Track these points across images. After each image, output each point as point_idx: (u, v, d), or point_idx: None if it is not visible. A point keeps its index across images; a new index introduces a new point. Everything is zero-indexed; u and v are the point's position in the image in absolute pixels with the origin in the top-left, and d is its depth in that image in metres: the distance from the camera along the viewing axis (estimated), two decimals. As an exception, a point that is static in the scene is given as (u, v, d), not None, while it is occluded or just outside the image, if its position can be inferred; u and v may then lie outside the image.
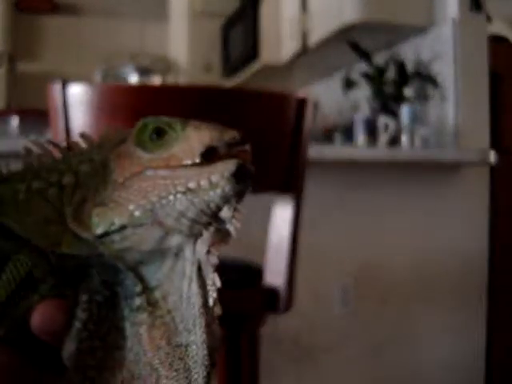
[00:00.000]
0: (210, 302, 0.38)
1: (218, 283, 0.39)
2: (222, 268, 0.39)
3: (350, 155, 1.72)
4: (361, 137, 1.99)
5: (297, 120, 1.03)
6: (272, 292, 1.04)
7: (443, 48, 2.14)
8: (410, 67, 2.28)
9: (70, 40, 4.74)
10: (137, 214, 0.38)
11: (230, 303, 1.10)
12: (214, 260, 0.39)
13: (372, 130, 1.98)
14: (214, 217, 0.39)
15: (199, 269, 0.39)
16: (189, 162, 0.38)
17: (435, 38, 2.19)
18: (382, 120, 2.00)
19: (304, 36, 2.71)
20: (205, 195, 0.38)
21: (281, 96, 1.03)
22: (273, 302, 1.04)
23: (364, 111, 2.45)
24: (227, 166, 0.38)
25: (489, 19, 2.20)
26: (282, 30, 3.02)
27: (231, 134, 0.39)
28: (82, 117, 0.92)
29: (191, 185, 0.38)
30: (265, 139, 1.00)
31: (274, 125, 1.02)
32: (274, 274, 1.05)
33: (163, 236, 0.38)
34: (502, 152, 1.99)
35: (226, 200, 0.38)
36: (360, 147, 1.89)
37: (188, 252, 0.39)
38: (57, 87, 0.93)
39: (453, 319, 2.03)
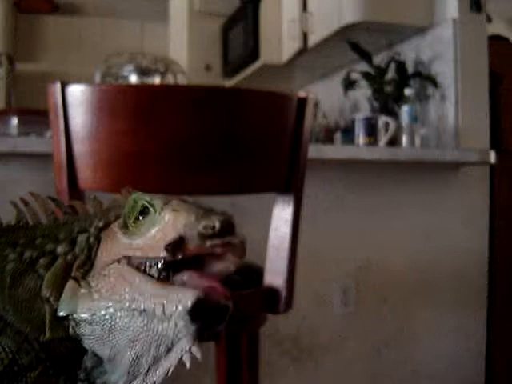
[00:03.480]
0: None
1: None
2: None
3: (350, 155, 1.71)
4: (361, 137, 1.99)
5: (297, 120, 1.03)
6: (272, 292, 1.04)
7: (443, 48, 2.13)
8: (410, 67, 2.28)
9: (70, 40, 4.74)
10: (96, 314, 0.35)
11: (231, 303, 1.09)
12: None
13: (372, 130, 1.98)
14: (166, 352, 0.35)
15: None
16: (158, 254, 0.35)
17: (435, 38, 2.19)
18: (382, 120, 2.00)
19: (304, 36, 2.71)
20: (159, 325, 0.34)
21: (281, 95, 1.03)
22: (273, 301, 1.04)
23: (364, 111, 2.45)
24: (184, 297, 0.34)
25: (489, 19, 2.20)
26: (282, 30, 3.02)
27: (210, 222, 0.34)
28: (82, 117, 0.92)
29: (148, 307, 0.34)
30: (265, 139, 1.00)
31: (274, 124, 1.02)
32: (274, 274, 1.05)
33: (111, 357, 0.36)
34: (501, 152, 1.99)
35: (179, 338, 0.35)
36: (360, 147, 1.89)
37: None
38: (56, 87, 0.93)
39: (453, 319, 2.03)
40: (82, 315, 0.36)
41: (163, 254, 0.35)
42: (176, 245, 0.34)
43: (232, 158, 0.96)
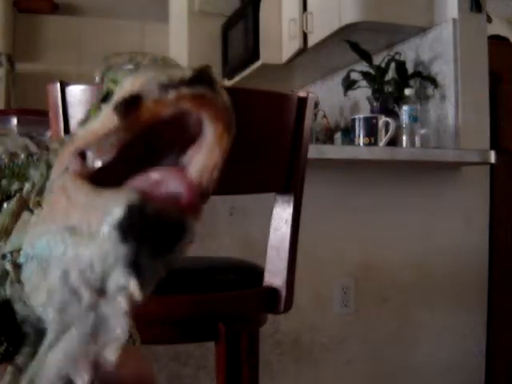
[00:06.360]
0: None
1: None
2: (223, 268, 0.38)
3: (350, 155, 1.71)
4: (361, 137, 1.99)
5: (297, 119, 1.03)
6: (272, 292, 1.04)
7: (443, 48, 2.13)
8: (410, 67, 2.28)
9: (69, 40, 4.74)
10: (35, 245, 0.26)
11: (231, 303, 1.09)
12: None
13: (372, 130, 1.98)
14: (99, 291, 0.24)
15: None
16: (104, 131, 0.26)
17: (435, 38, 2.19)
18: (382, 120, 2.00)
19: (304, 36, 2.71)
20: (85, 248, 0.23)
21: (281, 95, 1.03)
22: (273, 301, 1.04)
23: (364, 111, 2.44)
24: (115, 204, 0.23)
25: (489, 19, 2.20)
26: (282, 30, 3.02)
27: (177, 71, 0.25)
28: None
29: (74, 224, 0.24)
30: (265, 139, 1.00)
31: (274, 124, 1.02)
32: (274, 274, 1.05)
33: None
34: (501, 152, 1.98)
35: (110, 264, 0.23)
36: (360, 147, 1.89)
37: None
38: (56, 87, 0.92)
39: (453, 319, 2.03)
40: (25, 249, 0.27)
41: (112, 120, 0.24)
42: (128, 104, 0.24)
43: (232, 157, 0.95)
